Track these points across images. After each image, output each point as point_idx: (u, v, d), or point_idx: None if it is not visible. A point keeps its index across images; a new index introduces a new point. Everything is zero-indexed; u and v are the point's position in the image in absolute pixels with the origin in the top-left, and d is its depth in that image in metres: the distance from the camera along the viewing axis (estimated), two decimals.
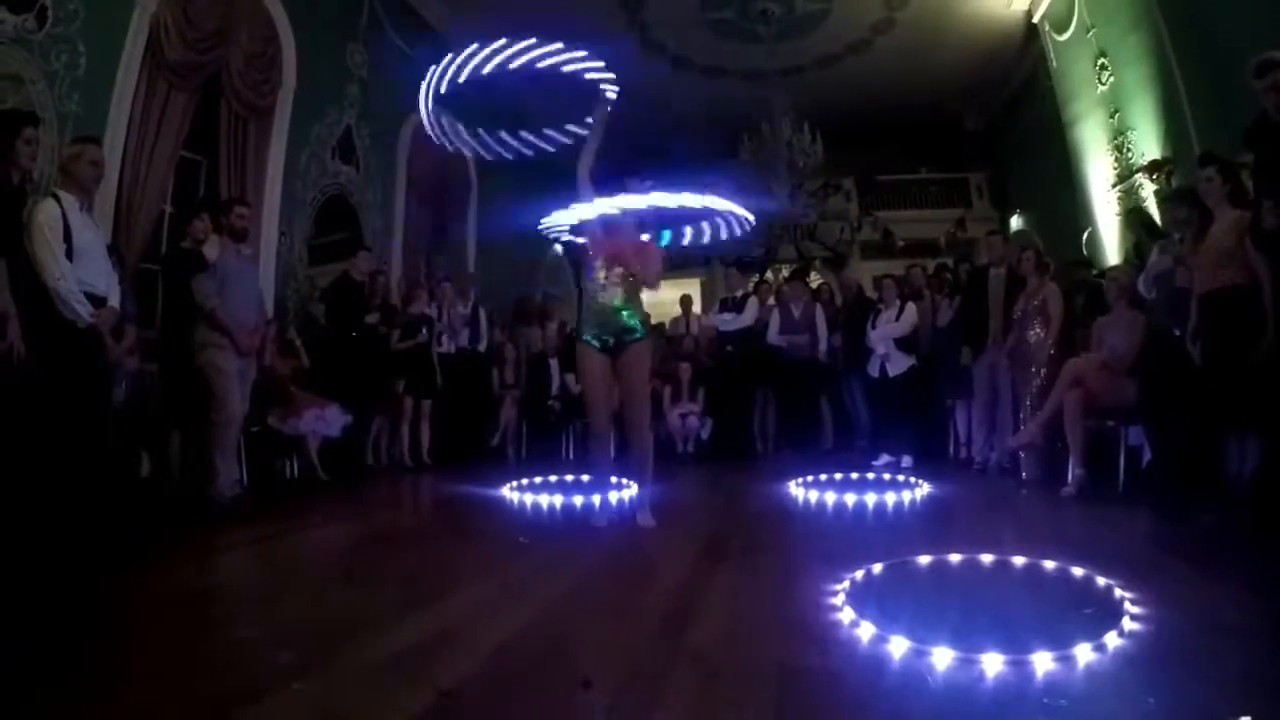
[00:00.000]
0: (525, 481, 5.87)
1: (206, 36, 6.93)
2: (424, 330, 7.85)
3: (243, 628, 2.54)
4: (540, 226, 4.76)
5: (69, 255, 4.16)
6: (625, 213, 4.31)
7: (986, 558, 3.22)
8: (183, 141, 6.88)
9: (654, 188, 4.23)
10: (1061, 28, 10.26)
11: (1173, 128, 7.94)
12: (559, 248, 6.08)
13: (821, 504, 5.08)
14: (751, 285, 10.00)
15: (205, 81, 7.08)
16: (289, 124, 8.20)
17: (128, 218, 6.25)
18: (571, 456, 8.50)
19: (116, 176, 6.04)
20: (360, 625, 2.50)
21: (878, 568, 3.05)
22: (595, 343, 4.40)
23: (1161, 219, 7.18)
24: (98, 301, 4.36)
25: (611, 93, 4.48)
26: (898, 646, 2.15)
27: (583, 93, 4.62)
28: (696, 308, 10.84)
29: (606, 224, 4.40)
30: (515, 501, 5.35)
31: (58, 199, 4.21)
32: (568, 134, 4.73)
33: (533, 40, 4.40)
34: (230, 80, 7.34)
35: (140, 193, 6.37)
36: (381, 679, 2.04)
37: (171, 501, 5.20)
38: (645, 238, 4.47)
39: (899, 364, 7.35)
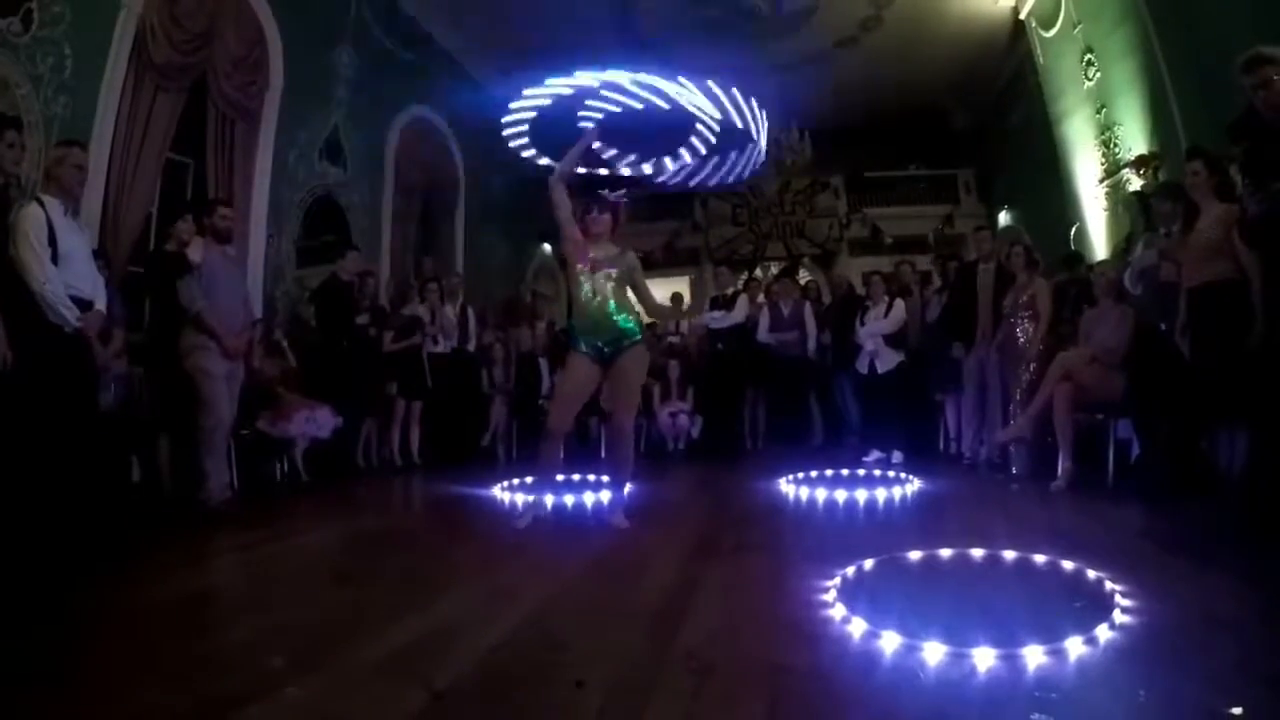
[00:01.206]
0: (516, 481, 5.86)
1: (193, 38, 6.91)
2: (419, 332, 7.84)
3: (236, 631, 2.54)
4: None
5: (54, 260, 4.12)
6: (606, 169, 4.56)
7: (977, 552, 3.23)
8: (169, 143, 6.86)
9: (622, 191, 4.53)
10: (1048, 24, 10.29)
11: (1159, 123, 7.97)
12: (547, 247, 6.10)
13: (812, 501, 5.08)
14: (741, 283, 10.02)
15: (192, 83, 7.05)
16: (276, 125, 8.18)
17: (115, 220, 6.23)
18: (562, 456, 8.46)
19: (103, 179, 6.01)
20: (353, 626, 2.50)
21: (869, 564, 3.06)
22: (591, 352, 4.37)
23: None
24: (84, 305, 4.32)
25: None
26: (889, 642, 2.16)
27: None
28: (686, 305, 10.83)
29: (585, 218, 4.43)
30: (506, 501, 5.35)
31: (41, 203, 4.18)
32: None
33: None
34: (217, 82, 7.31)
35: (127, 195, 6.35)
36: (376, 680, 2.04)
37: (162, 505, 5.18)
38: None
39: (888, 360, 7.36)
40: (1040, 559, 3.09)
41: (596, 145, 4.80)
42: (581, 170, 4.69)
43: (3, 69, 5.32)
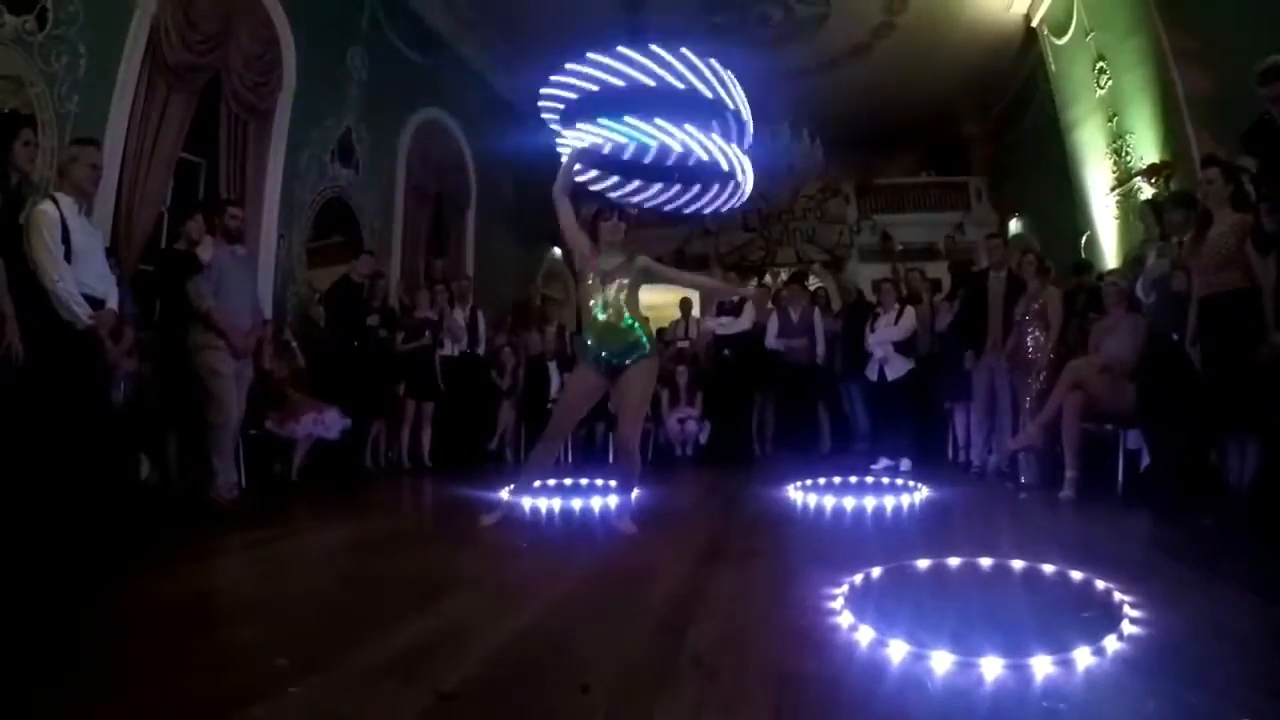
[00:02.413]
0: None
1: (206, 38, 6.94)
2: (427, 333, 7.84)
3: (242, 630, 2.53)
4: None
5: (67, 257, 4.15)
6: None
7: (985, 561, 3.21)
8: (182, 143, 6.88)
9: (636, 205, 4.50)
10: (1060, 31, 10.27)
11: (1171, 132, 7.94)
12: (557, 250, 6.11)
13: (820, 508, 5.06)
14: (750, 289, 10.00)
15: (205, 83, 7.09)
16: (288, 126, 8.21)
17: (127, 219, 6.26)
18: (570, 460, 8.47)
19: (116, 178, 6.04)
20: (360, 627, 2.49)
21: (876, 571, 3.05)
22: (600, 364, 4.33)
23: None
24: (96, 303, 4.35)
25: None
26: (896, 650, 2.15)
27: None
28: (695, 311, 10.82)
29: (599, 223, 4.42)
30: (513, 505, 5.34)
31: (55, 201, 4.21)
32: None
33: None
34: (230, 82, 7.35)
35: (140, 194, 6.38)
36: (381, 680, 2.03)
37: (170, 503, 5.19)
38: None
39: (897, 367, 7.35)
40: (1049, 569, 3.07)
41: (586, 174, 4.76)
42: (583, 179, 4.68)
43: (17, 67, 5.36)
